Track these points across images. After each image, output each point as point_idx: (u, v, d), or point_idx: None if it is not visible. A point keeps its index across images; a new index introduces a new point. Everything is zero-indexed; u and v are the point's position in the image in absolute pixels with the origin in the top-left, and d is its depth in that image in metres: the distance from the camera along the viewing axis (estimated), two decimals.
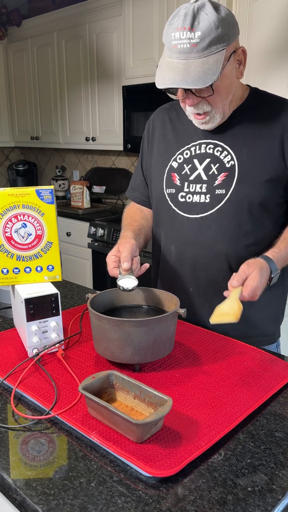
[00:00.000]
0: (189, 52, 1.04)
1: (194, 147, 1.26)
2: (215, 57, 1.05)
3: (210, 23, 1.03)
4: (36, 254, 1.14)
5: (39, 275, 1.15)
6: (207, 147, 1.24)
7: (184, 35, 1.03)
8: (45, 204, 1.12)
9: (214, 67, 1.05)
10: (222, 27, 1.04)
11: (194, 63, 1.04)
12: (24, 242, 1.13)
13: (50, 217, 1.13)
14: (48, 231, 1.14)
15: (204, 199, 1.23)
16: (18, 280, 1.14)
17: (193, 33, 1.03)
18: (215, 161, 1.23)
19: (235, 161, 1.20)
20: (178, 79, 1.05)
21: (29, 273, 1.14)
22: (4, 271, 1.13)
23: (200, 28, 1.03)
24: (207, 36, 1.03)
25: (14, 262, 1.13)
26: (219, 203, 1.21)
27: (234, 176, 1.20)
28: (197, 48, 1.03)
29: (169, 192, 1.29)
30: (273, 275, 1.09)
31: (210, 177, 1.23)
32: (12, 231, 1.11)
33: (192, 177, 1.25)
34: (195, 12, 1.03)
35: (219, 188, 1.21)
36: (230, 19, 1.07)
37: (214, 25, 1.03)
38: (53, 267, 1.16)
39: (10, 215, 1.10)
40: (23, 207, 1.11)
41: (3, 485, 0.72)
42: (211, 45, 1.04)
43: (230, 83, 1.14)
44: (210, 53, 1.04)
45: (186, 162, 1.27)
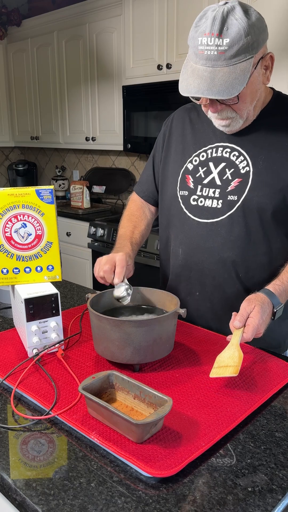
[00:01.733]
0: (216, 59, 1.00)
1: (211, 150, 1.24)
2: (242, 65, 1.00)
3: (239, 30, 0.98)
4: (36, 254, 1.14)
5: (39, 275, 1.15)
6: (224, 151, 1.21)
7: (212, 41, 0.99)
8: (45, 204, 1.12)
9: (241, 76, 1.00)
10: (252, 34, 0.99)
11: (221, 72, 1.00)
12: (24, 242, 1.13)
13: (50, 217, 1.13)
14: (48, 231, 1.14)
15: (216, 204, 1.20)
16: (18, 280, 1.14)
17: (221, 39, 0.98)
18: (230, 166, 1.20)
19: (250, 168, 1.17)
20: (203, 88, 1.01)
21: (29, 273, 1.14)
22: (4, 271, 1.13)
23: (229, 34, 0.98)
24: (235, 44, 0.98)
25: (14, 262, 1.13)
26: (230, 210, 1.19)
27: (247, 182, 1.17)
28: (225, 55, 0.99)
29: (182, 194, 1.27)
30: (276, 310, 1.06)
31: (224, 182, 1.20)
32: (12, 231, 1.11)
33: (206, 181, 1.23)
34: (225, 16, 0.98)
35: (231, 194, 1.19)
36: (260, 24, 1.02)
37: (244, 32, 0.98)
38: (53, 267, 1.16)
39: (10, 215, 1.10)
40: (23, 207, 1.11)
41: (3, 485, 0.72)
42: (240, 53, 0.99)
43: (256, 89, 1.10)
44: (238, 61, 1.00)
45: (202, 165, 1.24)
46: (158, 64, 2.88)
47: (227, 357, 0.97)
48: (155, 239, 2.70)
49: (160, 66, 2.87)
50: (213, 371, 0.94)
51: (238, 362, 0.94)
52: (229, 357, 0.96)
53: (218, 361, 0.97)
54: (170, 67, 2.83)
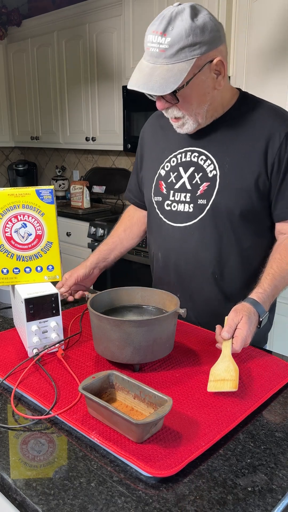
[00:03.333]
0: (157, 56, 1.04)
1: (180, 155, 1.26)
2: (181, 65, 1.03)
3: (181, 30, 1.01)
4: (36, 254, 1.14)
5: (39, 275, 1.15)
6: (192, 155, 1.24)
7: (156, 39, 1.03)
8: (45, 204, 1.12)
9: (177, 75, 1.03)
10: (194, 35, 1.02)
11: (160, 69, 1.04)
12: (24, 242, 1.13)
13: (50, 217, 1.13)
14: (48, 231, 1.14)
15: (188, 208, 1.24)
16: (18, 280, 1.14)
17: (164, 38, 1.02)
18: (198, 170, 1.23)
19: (217, 171, 1.20)
20: (141, 82, 1.05)
21: (29, 273, 1.14)
22: (4, 271, 1.13)
23: (171, 34, 1.01)
24: (176, 43, 1.01)
25: (14, 262, 1.13)
26: (201, 213, 1.22)
27: (215, 186, 1.20)
28: (165, 54, 1.03)
29: (156, 200, 1.31)
30: (262, 318, 1.07)
31: (193, 186, 1.23)
32: (12, 231, 1.11)
33: (177, 186, 1.26)
34: (172, 17, 1.02)
35: (201, 198, 1.22)
36: (208, 28, 1.04)
37: (185, 33, 1.01)
38: (53, 267, 1.16)
39: (10, 215, 1.10)
40: (23, 207, 1.11)
41: (3, 485, 0.72)
42: (179, 52, 1.02)
43: (204, 93, 1.12)
44: (176, 61, 1.03)
45: (173, 170, 1.27)
46: None
47: (223, 370, 0.96)
48: None
49: None
50: (210, 385, 0.93)
51: (235, 375, 0.93)
52: (225, 370, 0.95)
53: (213, 374, 0.96)
54: None
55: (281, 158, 1.16)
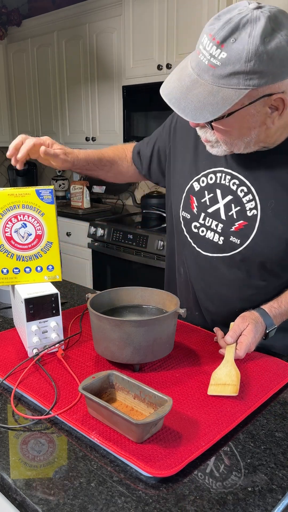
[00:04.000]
0: (204, 70, 0.84)
1: (220, 174, 1.10)
2: (228, 92, 0.83)
3: (242, 50, 0.80)
4: (36, 254, 1.14)
5: (39, 275, 1.15)
6: (231, 182, 1.07)
7: (210, 47, 0.82)
8: (45, 204, 1.12)
9: (218, 104, 0.84)
10: (257, 62, 0.80)
11: (201, 87, 0.85)
12: (24, 242, 1.13)
13: (50, 217, 1.13)
14: (48, 231, 1.14)
15: (217, 239, 1.11)
16: (18, 280, 1.14)
17: (219, 50, 0.81)
18: (236, 203, 1.07)
19: (258, 211, 1.04)
20: (173, 95, 0.88)
21: (29, 273, 1.14)
22: (4, 271, 1.13)
23: (230, 49, 0.80)
24: (230, 64, 0.81)
25: (14, 262, 1.13)
26: (231, 251, 1.10)
27: (253, 228, 1.05)
28: (214, 71, 0.83)
29: (184, 216, 1.18)
30: (269, 331, 1.04)
31: (228, 218, 1.09)
32: (12, 231, 1.11)
33: (210, 210, 1.12)
34: (240, 26, 0.80)
35: (234, 235, 1.08)
36: (280, 55, 0.81)
37: (246, 56, 0.80)
38: (53, 267, 1.16)
39: (10, 215, 1.10)
40: (23, 207, 1.11)
41: (3, 485, 0.72)
42: (231, 77, 0.82)
43: (248, 127, 0.92)
44: (224, 86, 0.83)
45: (208, 189, 1.12)
46: (158, 64, 2.88)
47: (224, 374, 0.96)
48: (155, 239, 2.70)
49: (160, 66, 2.87)
50: (211, 389, 0.93)
51: (236, 380, 0.93)
52: (226, 375, 0.95)
53: (214, 378, 0.96)
54: (170, 67, 2.83)
55: None
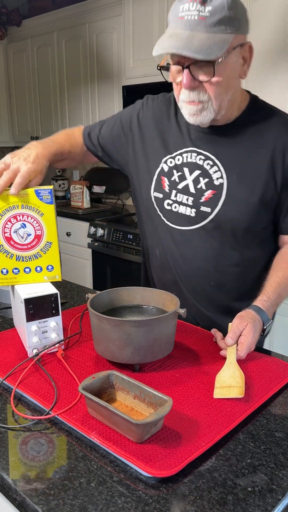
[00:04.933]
0: (196, 24, 0.96)
1: (187, 154, 1.20)
2: (222, 36, 0.97)
3: (223, 1, 0.95)
4: (36, 255, 1.14)
5: (39, 275, 1.15)
6: (198, 157, 1.18)
7: (194, 6, 0.95)
8: (44, 204, 1.12)
9: (220, 44, 0.96)
10: (235, 9, 0.97)
11: (200, 36, 0.96)
12: (23, 243, 1.13)
13: (49, 217, 1.13)
14: (47, 231, 1.14)
15: (189, 212, 1.19)
16: (17, 280, 1.14)
17: (203, 6, 0.95)
18: (204, 175, 1.17)
19: (225, 180, 1.14)
20: (180, 45, 0.96)
21: (28, 273, 1.14)
22: (3, 271, 1.13)
23: (213, 3, 0.95)
24: (217, 13, 0.95)
25: (14, 263, 1.13)
26: (203, 220, 1.18)
27: (221, 195, 1.15)
28: (205, 22, 0.95)
29: (156, 196, 1.24)
30: (266, 326, 1.07)
31: (197, 191, 1.18)
32: (11, 232, 1.11)
33: (180, 186, 1.20)
34: None
35: (205, 205, 1.17)
36: (243, 10, 1.01)
37: (227, 5, 0.96)
38: (52, 267, 1.16)
39: (10, 215, 1.10)
40: (22, 207, 1.11)
41: (3, 485, 0.72)
42: (221, 23, 0.96)
43: (232, 76, 1.05)
44: (218, 31, 0.96)
45: (177, 169, 1.21)
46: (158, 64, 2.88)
47: (228, 376, 0.96)
48: None
49: None
50: (217, 392, 0.92)
51: (241, 382, 0.93)
52: (230, 377, 0.95)
53: (219, 380, 0.95)
54: None
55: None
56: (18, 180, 1.07)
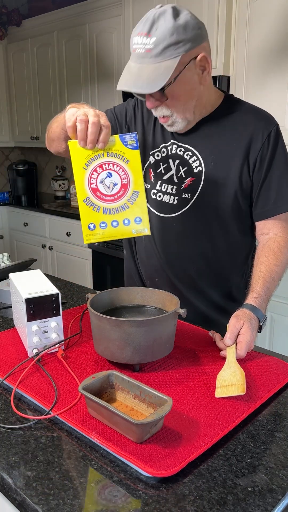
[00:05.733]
0: (144, 57, 1.07)
1: (171, 146, 1.29)
2: (167, 63, 1.06)
3: (164, 30, 1.04)
4: (123, 206, 1.09)
5: (127, 228, 1.10)
6: (178, 149, 1.27)
7: (141, 40, 1.06)
8: (129, 150, 1.08)
9: (164, 73, 1.06)
10: (177, 33, 1.05)
11: (147, 68, 1.07)
12: (110, 193, 1.08)
13: (135, 164, 1.09)
14: (133, 180, 1.09)
15: (172, 200, 1.27)
16: (105, 236, 1.09)
17: (149, 38, 1.05)
18: (184, 165, 1.26)
19: (203, 167, 1.23)
20: (130, 83, 1.08)
21: (116, 227, 1.09)
22: (90, 226, 1.08)
23: (156, 34, 1.05)
24: (160, 43, 1.04)
25: (101, 216, 1.08)
26: (184, 207, 1.26)
27: (200, 182, 1.24)
28: (151, 53, 1.06)
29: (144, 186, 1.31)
30: (262, 323, 1.10)
31: (179, 179, 1.27)
32: (97, 182, 1.07)
33: (165, 177, 1.29)
34: (155, 18, 1.05)
35: (185, 192, 1.25)
36: (190, 26, 1.07)
37: (169, 32, 1.04)
38: (140, 219, 1.10)
39: (96, 164, 1.06)
40: (108, 155, 1.07)
41: (3, 485, 0.72)
42: (165, 51, 1.05)
43: (190, 88, 1.14)
44: (163, 60, 1.06)
45: (162, 161, 1.30)
46: None
47: (229, 375, 0.96)
48: None
49: None
50: (218, 391, 0.92)
51: (242, 380, 0.93)
52: (231, 375, 0.96)
53: (220, 380, 0.96)
54: None
55: (263, 158, 1.20)
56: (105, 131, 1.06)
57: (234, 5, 2.55)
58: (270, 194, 1.21)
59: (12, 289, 1.18)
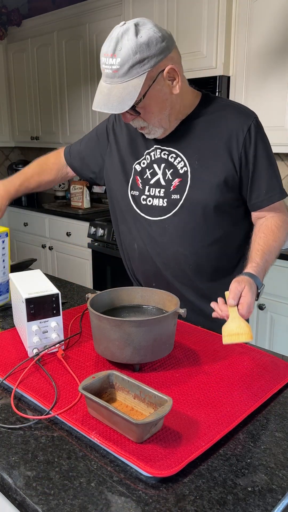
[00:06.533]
0: (112, 77, 1.10)
1: (153, 152, 1.32)
2: (134, 82, 1.09)
3: (128, 50, 1.06)
4: None
5: None
6: (162, 153, 1.30)
7: (108, 61, 1.09)
8: None
9: (132, 92, 1.09)
10: (140, 52, 1.07)
11: (116, 88, 1.10)
12: None
13: None
14: None
15: (162, 203, 1.30)
16: None
17: (114, 59, 1.08)
18: (169, 167, 1.29)
19: (188, 167, 1.26)
20: (101, 103, 1.12)
21: None
22: None
23: (120, 54, 1.07)
24: (126, 63, 1.07)
25: None
26: (175, 207, 1.28)
27: (187, 181, 1.26)
28: (118, 73, 1.08)
29: (132, 194, 1.36)
30: (260, 290, 1.13)
31: (167, 182, 1.30)
32: None
33: (152, 181, 1.32)
34: (119, 38, 1.07)
35: (174, 193, 1.28)
36: (153, 42, 1.08)
37: (132, 52, 1.06)
38: None
39: None
40: None
41: (3, 485, 0.72)
42: (130, 70, 1.08)
43: (162, 100, 1.17)
44: (130, 78, 1.09)
45: (148, 167, 1.33)
46: None
47: (235, 326, 1.00)
48: None
49: None
50: (226, 339, 0.96)
51: (248, 330, 0.98)
52: (237, 327, 1.00)
53: (226, 330, 0.99)
54: None
55: (247, 152, 1.23)
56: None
57: (234, 5, 2.55)
58: (261, 185, 1.26)
59: (12, 289, 1.18)
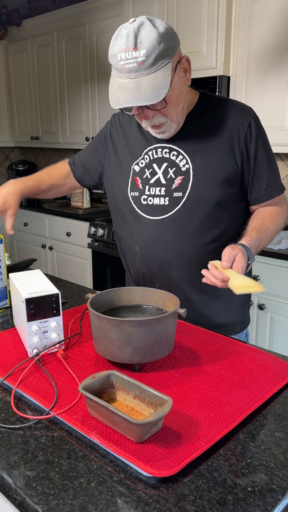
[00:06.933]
0: (138, 70, 1.09)
1: (151, 152, 1.32)
2: (162, 71, 1.09)
3: (152, 40, 1.06)
4: None
5: None
6: (163, 151, 1.30)
7: (130, 55, 1.08)
8: None
9: (163, 81, 1.09)
10: (164, 41, 1.08)
11: (144, 80, 1.09)
12: None
13: None
14: None
15: (163, 201, 1.30)
16: None
17: (138, 51, 1.07)
18: (171, 165, 1.29)
19: (190, 165, 1.27)
20: (131, 98, 1.10)
21: None
22: None
23: (144, 46, 1.07)
24: (152, 53, 1.07)
25: None
26: (177, 205, 1.28)
27: (189, 179, 1.27)
28: (144, 65, 1.08)
29: (133, 195, 1.35)
30: (250, 262, 1.14)
31: (168, 181, 1.29)
32: None
33: (152, 181, 1.32)
34: (136, 31, 1.07)
35: (176, 191, 1.28)
36: (169, 32, 1.11)
37: (157, 41, 1.07)
38: None
39: None
40: None
41: (3, 485, 0.72)
42: (157, 60, 1.08)
43: (180, 91, 1.19)
44: (157, 69, 1.09)
45: (147, 167, 1.33)
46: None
47: (242, 281, 1.02)
48: None
49: None
50: (238, 290, 0.99)
51: (255, 282, 1.01)
52: (244, 281, 1.02)
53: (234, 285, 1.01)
54: None
55: (248, 148, 1.25)
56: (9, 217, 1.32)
57: (234, 5, 2.55)
58: (261, 180, 1.28)
59: (12, 289, 1.18)
